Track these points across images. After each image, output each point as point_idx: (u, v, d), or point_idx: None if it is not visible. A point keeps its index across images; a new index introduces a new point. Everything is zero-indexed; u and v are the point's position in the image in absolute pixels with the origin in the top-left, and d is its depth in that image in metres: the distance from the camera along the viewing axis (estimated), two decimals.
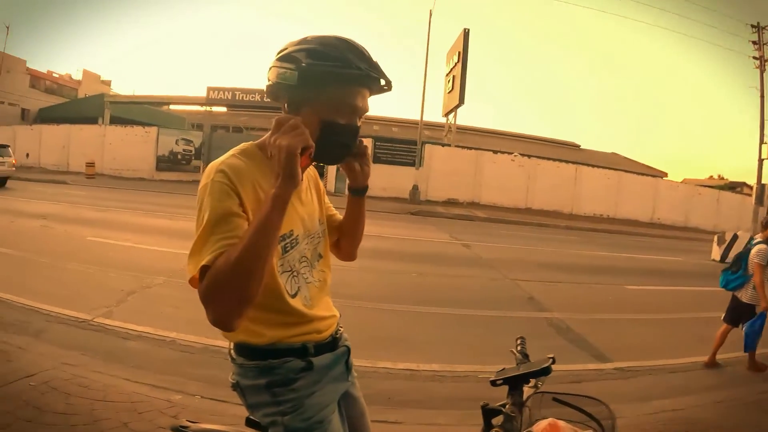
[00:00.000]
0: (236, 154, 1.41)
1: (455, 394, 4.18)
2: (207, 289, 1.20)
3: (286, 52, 1.38)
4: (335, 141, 1.43)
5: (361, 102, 1.42)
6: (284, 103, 1.43)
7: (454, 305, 6.95)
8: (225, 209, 1.28)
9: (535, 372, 1.46)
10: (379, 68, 1.41)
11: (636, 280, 10.15)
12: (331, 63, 1.33)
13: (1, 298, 6.16)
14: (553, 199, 28.34)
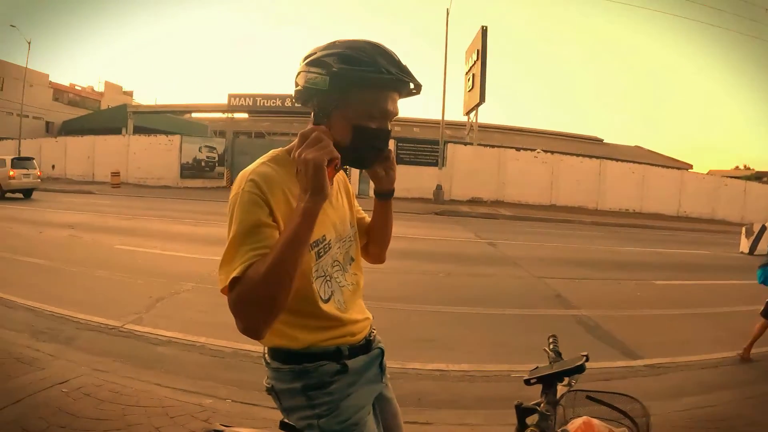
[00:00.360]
0: (266, 162, 1.42)
1: (485, 394, 4.15)
2: (237, 300, 1.23)
3: (316, 57, 1.38)
4: (367, 145, 1.43)
5: (391, 106, 1.42)
6: (314, 108, 1.42)
7: (482, 304, 6.91)
8: (255, 220, 1.29)
9: (569, 370, 1.44)
10: (409, 72, 1.40)
11: (664, 274, 9.99)
12: (362, 68, 1.33)
13: (31, 306, 6.28)
14: (577, 195, 28.06)
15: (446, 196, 26.75)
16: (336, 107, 1.38)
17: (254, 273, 1.21)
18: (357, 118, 1.38)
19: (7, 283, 7.45)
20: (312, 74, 1.37)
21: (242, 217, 1.29)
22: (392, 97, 1.42)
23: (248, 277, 1.21)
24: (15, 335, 5.29)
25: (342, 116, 1.38)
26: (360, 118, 1.38)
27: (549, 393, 1.45)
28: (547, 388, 1.47)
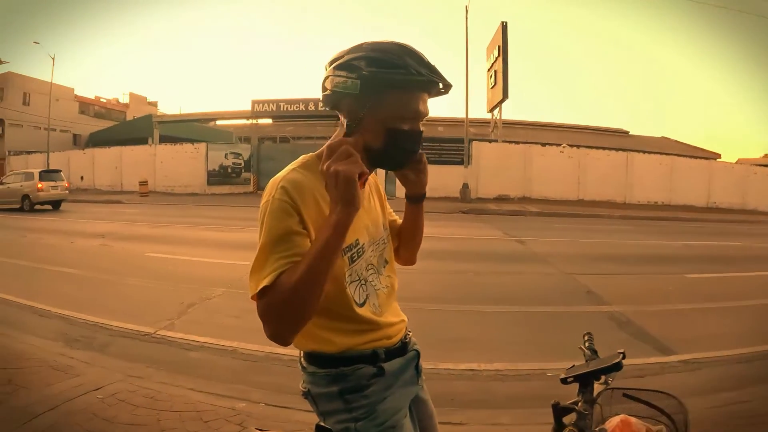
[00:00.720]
0: (297, 168, 1.42)
1: (518, 393, 4.11)
2: (267, 308, 1.24)
3: (344, 61, 1.37)
4: (400, 147, 1.42)
5: (422, 106, 1.41)
6: (343, 112, 1.42)
7: (512, 303, 6.86)
8: (285, 228, 1.29)
9: (606, 368, 1.41)
10: (438, 72, 1.39)
11: (696, 267, 9.76)
12: (393, 70, 1.32)
13: (65, 315, 6.40)
14: (604, 189, 27.66)
15: (473, 195, 26.59)
16: (367, 110, 1.36)
17: (285, 281, 1.22)
18: (389, 120, 1.37)
19: (41, 292, 7.60)
20: (341, 78, 1.36)
21: (273, 224, 1.30)
22: (423, 97, 1.41)
23: (279, 286, 1.22)
24: (50, 343, 5.38)
25: (373, 119, 1.37)
26: (392, 120, 1.37)
27: (586, 392, 1.43)
28: (584, 386, 1.44)
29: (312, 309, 1.26)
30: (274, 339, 1.25)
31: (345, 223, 1.25)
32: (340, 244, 1.27)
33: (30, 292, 7.63)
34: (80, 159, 38.18)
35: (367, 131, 1.37)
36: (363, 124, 1.37)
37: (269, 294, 1.23)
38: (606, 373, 1.45)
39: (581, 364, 1.51)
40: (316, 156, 1.47)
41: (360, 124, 1.37)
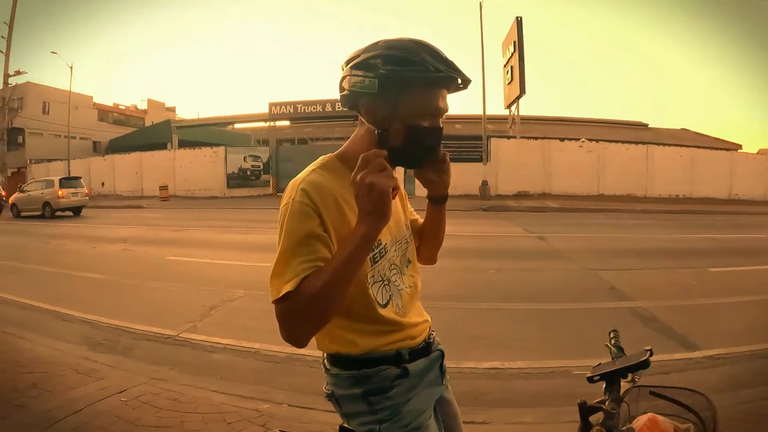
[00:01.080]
0: (316, 169, 1.41)
1: (542, 391, 4.06)
2: (286, 313, 1.24)
3: (360, 60, 1.35)
4: (421, 145, 1.40)
5: (442, 103, 1.39)
6: (362, 112, 1.40)
7: (535, 300, 6.78)
8: (306, 231, 1.28)
9: (633, 366, 1.39)
10: (457, 68, 1.36)
11: (719, 261, 9.58)
12: (411, 67, 1.30)
13: (88, 319, 6.48)
14: (625, 183, 27.35)
15: (492, 192, 26.50)
16: (386, 109, 1.35)
17: (307, 288, 1.22)
18: (408, 117, 1.34)
19: (64, 297, 7.71)
20: (358, 77, 1.34)
21: (293, 227, 1.29)
22: (442, 93, 1.39)
23: (301, 292, 1.22)
24: (73, 347, 5.45)
25: (393, 117, 1.35)
26: (411, 117, 1.34)
27: (612, 390, 1.40)
28: (611, 384, 1.42)
29: (332, 315, 1.27)
30: (290, 341, 1.26)
31: (373, 235, 1.25)
32: (365, 255, 1.27)
33: (54, 297, 7.74)
34: (101, 165, 38.77)
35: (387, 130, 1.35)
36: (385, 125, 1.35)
37: (291, 299, 1.22)
38: (633, 371, 1.42)
39: (607, 362, 1.49)
40: (335, 157, 1.46)
41: (390, 131, 1.35)
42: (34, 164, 41.58)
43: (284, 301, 1.23)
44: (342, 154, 1.47)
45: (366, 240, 1.23)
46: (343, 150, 1.48)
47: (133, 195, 35.04)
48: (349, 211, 1.35)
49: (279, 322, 1.25)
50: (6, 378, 4.52)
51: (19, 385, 4.34)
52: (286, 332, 1.25)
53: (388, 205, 1.22)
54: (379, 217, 1.22)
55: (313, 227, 1.29)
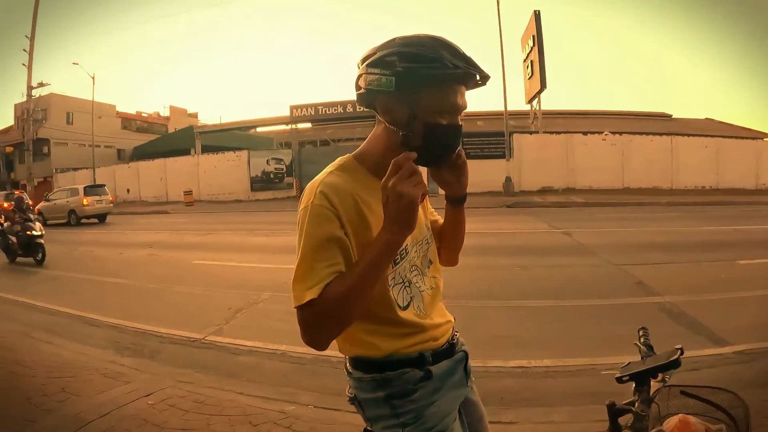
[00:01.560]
0: (334, 171, 1.40)
1: (569, 390, 3.97)
2: (309, 319, 1.24)
3: (377, 57, 1.32)
4: (440, 143, 1.37)
5: (460, 100, 1.35)
6: (378, 110, 1.38)
7: (560, 296, 6.69)
8: (326, 235, 1.27)
9: (664, 366, 1.35)
10: (475, 63, 1.33)
11: (747, 253, 9.27)
12: (428, 64, 1.27)
13: (115, 324, 6.58)
14: (650, 176, 26.75)
15: (516, 188, 26.22)
16: (404, 107, 1.32)
17: (330, 294, 1.22)
18: (426, 115, 1.31)
19: (92, 303, 7.83)
20: (375, 76, 1.31)
21: (313, 231, 1.28)
22: (460, 90, 1.36)
23: (324, 298, 1.22)
24: (101, 352, 5.54)
25: (410, 115, 1.32)
26: (429, 115, 1.32)
27: (642, 390, 1.37)
28: (640, 385, 1.38)
29: (354, 319, 1.29)
30: (311, 345, 1.27)
31: (398, 243, 1.24)
32: (389, 263, 1.28)
33: (82, 302, 7.89)
34: (125, 172, 39.24)
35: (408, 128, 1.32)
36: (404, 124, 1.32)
37: (314, 306, 1.22)
38: (663, 371, 1.39)
39: (637, 362, 1.45)
40: (353, 157, 1.45)
41: (413, 130, 1.32)
42: (60, 173, 42.29)
43: (307, 307, 1.23)
44: (360, 155, 1.45)
45: (390, 247, 1.24)
46: (361, 150, 1.46)
47: (158, 201, 35.45)
48: (369, 212, 1.34)
49: (301, 327, 1.25)
50: (35, 382, 4.60)
51: (48, 389, 4.40)
52: (308, 337, 1.26)
53: (416, 214, 1.22)
54: (405, 226, 1.22)
55: (333, 231, 1.28)
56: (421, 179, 1.22)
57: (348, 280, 1.22)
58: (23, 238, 12.34)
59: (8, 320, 7.13)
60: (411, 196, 1.18)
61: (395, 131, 1.34)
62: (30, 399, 4.22)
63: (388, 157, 1.32)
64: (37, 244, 12.32)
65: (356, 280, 1.22)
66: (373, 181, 1.37)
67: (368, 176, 1.40)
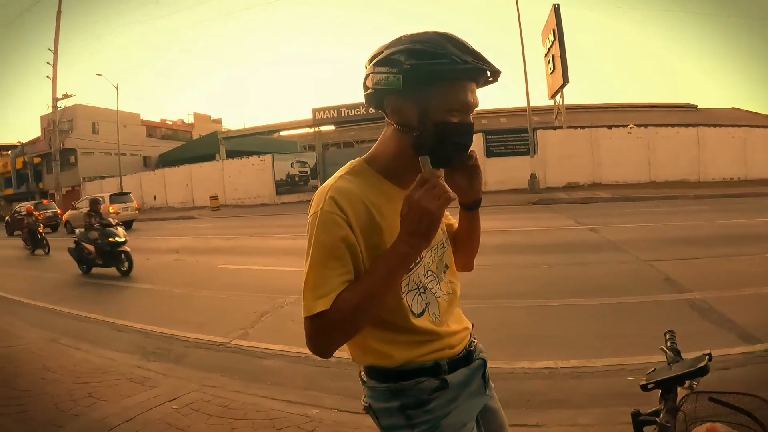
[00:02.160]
0: (344, 175, 1.36)
1: (597, 391, 3.86)
2: (319, 330, 1.22)
3: (384, 56, 1.28)
4: (451, 142, 1.31)
5: (471, 97, 1.30)
6: (387, 111, 1.34)
7: (587, 295, 6.53)
8: (336, 242, 1.24)
9: (691, 373, 1.29)
10: (485, 59, 1.29)
11: None
12: (436, 61, 1.22)
13: (142, 329, 6.66)
14: (676, 168, 26.12)
15: (541, 185, 25.92)
16: (412, 106, 1.28)
17: (342, 305, 1.20)
18: (436, 114, 1.27)
19: (120, 309, 7.97)
20: (382, 75, 1.28)
21: (323, 239, 1.25)
22: (470, 87, 1.31)
23: (336, 309, 1.20)
24: (128, 357, 5.60)
25: (419, 114, 1.28)
26: (440, 113, 1.27)
27: (668, 399, 1.30)
28: (666, 392, 1.32)
29: (362, 329, 1.27)
30: (317, 353, 1.26)
31: (414, 256, 1.23)
32: (403, 274, 1.26)
33: (109, 308, 8.03)
34: (152, 179, 39.91)
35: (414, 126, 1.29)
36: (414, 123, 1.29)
37: (325, 316, 1.20)
38: (691, 378, 1.32)
39: (663, 367, 1.39)
40: (363, 161, 1.41)
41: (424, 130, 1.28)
42: (88, 182, 43.12)
43: (318, 318, 1.20)
44: (370, 158, 1.41)
45: (405, 260, 1.21)
46: (372, 153, 1.42)
47: (184, 206, 35.89)
48: (380, 217, 1.31)
49: (308, 336, 1.23)
50: (62, 388, 4.67)
51: (75, 394, 4.48)
52: (314, 346, 1.24)
53: (435, 231, 1.19)
54: (423, 241, 1.20)
55: (343, 237, 1.25)
56: (448, 196, 1.18)
57: (360, 291, 1.20)
58: (103, 245, 11.03)
59: (38, 327, 7.25)
60: (435, 214, 1.16)
61: (405, 132, 1.31)
62: (57, 404, 4.29)
63: (398, 160, 1.31)
64: (121, 252, 10.98)
65: (369, 291, 1.20)
66: (385, 184, 1.35)
67: (379, 180, 1.36)
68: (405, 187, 1.28)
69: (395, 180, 1.37)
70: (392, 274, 1.21)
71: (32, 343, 6.31)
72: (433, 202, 1.15)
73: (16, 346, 6.21)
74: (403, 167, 1.34)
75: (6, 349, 6.11)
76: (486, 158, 26.93)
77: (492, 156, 26.99)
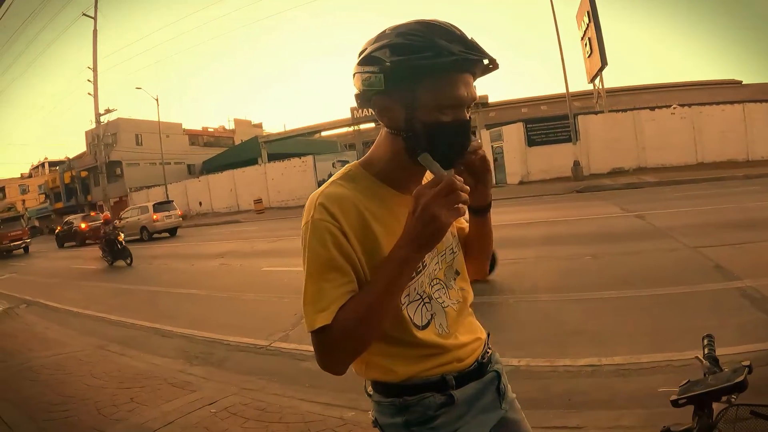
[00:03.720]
0: (337, 180, 1.28)
1: (641, 390, 3.60)
2: (323, 345, 1.16)
3: (366, 54, 1.18)
4: (444, 143, 1.19)
5: (464, 90, 1.17)
6: (375, 112, 1.24)
7: (634, 286, 6.26)
8: (331, 251, 1.17)
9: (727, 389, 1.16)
10: (477, 46, 1.16)
11: None
12: (419, 55, 1.11)
13: (186, 334, 6.80)
14: (723, 148, 24.95)
15: (585, 172, 25.29)
16: (400, 106, 1.19)
17: (343, 319, 1.13)
18: (425, 114, 1.17)
19: (165, 314, 8.13)
20: (365, 74, 1.18)
21: (317, 250, 1.18)
22: (464, 80, 1.18)
23: (337, 324, 1.13)
24: (171, 361, 5.73)
25: (409, 114, 1.18)
26: (429, 113, 1.16)
27: (703, 416, 1.18)
28: (700, 408, 1.19)
29: (371, 342, 1.19)
30: (327, 370, 1.19)
31: (415, 262, 1.14)
32: (406, 282, 1.17)
33: (155, 314, 8.21)
34: (196, 186, 41.15)
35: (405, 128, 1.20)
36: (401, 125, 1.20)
37: (327, 331, 1.13)
38: (726, 394, 1.19)
39: (698, 379, 1.25)
40: (359, 165, 1.32)
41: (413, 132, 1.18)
42: (135, 192, 44.64)
43: (320, 333, 1.13)
44: (366, 161, 1.32)
45: (406, 266, 1.13)
46: (368, 156, 1.33)
47: (229, 211, 36.58)
48: (375, 222, 1.22)
49: (316, 352, 1.17)
50: (106, 393, 4.82)
51: (117, 399, 4.61)
52: (323, 362, 1.17)
53: (440, 238, 1.11)
54: (425, 248, 1.12)
55: (338, 245, 1.17)
56: (463, 208, 1.09)
57: (362, 302, 1.13)
58: None
59: (86, 334, 7.50)
60: (444, 224, 1.07)
61: (396, 134, 1.22)
62: (100, 409, 4.42)
63: (394, 163, 1.24)
64: None
65: (370, 302, 1.12)
66: (382, 188, 1.27)
67: (375, 184, 1.28)
68: (403, 190, 1.24)
69: (393, 184, 1.29)
70: (393, 281, 1.12)
71: (81, 351, 6.51)
72: (444, 208, 1.06)
73: (64, 354, 6.40)
74: (400, 170, 1.26)
75: (55, 357, 6.30)
76: (528, 147, 26.62)
77: (533, 145, 26.62)
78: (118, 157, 47.15)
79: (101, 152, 39.47)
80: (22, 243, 30.89)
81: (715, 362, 1.34)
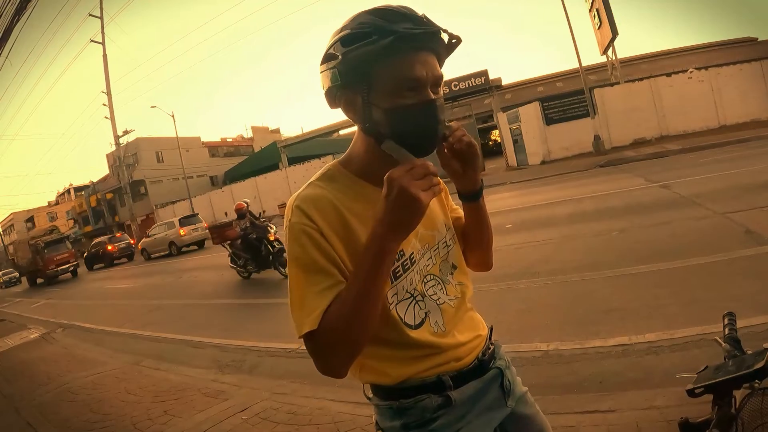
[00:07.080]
0: (315, 181, 1.26)
1: (676, 367, 3.45)
2: (316, 350, 1.12)
3: (326, 51, 1.17)
4: (411, 126, 1.15)
5: (421, 69, 1.13)
6: (342, 109, 1.23)
7: (662, 259, 6.09)
8: (311, 255, 1.14)
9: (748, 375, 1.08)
10: (427, 21, 1.12)
11: None
12: (364, 41, 1.09)
13: (217, 344, 6.88)
14: (745, 108, 24.28)
15: (606, 145, 24.85)
16: (359, 98, 1.16)
17: (331, 321, 1.08)
18: (384, 98, 1.14)
19: (197, 326, 8.26)
20: (327, 72, 1.17)
21: (297, 253, 1.15)
22: (419, 59, 1.13)
23: (326, 325, 1.09)
24: (203, 372, 5.79)
25: (369, 105, 1.16)
26: (387, 98, 1.13)
27: (723, 404, 1.11)
28: (720, 397, 1.12)
29: (366, 339, 1.12)
30: (326, 374, 1.14)
31: (393, 250, 1.08)
32: (388, 269, 1.11)
33: (187, 327, 8.36)
34: (220, 197, 41.51)
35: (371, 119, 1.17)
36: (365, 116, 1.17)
37: (316, 337, 1.09)
38: (747, 381, 1.11)
39: (718, 364, 1.18)
40: (339, 163, 1.30)
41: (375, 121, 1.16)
42: (160, 208, 45.46)
43: (309, 338, 1.10)
44: (346, 160, 1.30)
45: (387, 255, 1.07)
46: (347, 155, 1.31)
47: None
48: (356, 221, 1.19)
49: (311, 357, 1.13)
50: (141, 408, 4.90)
51: (152, 413, 4.70)
52: (320, 366, 1.13)
53: (419, 220, 1.04)
54: (404, 232, 1.06)
55: (317, 248, 1.14)
56: (434, 183, 1.04)
57: (346, 301, 1.08)
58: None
59: (122, 352, 7.61)
60: (423, 204, 1.01)
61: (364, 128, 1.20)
62: (135, 424, 4.52)
63: (369, 158, 1.21)
64: None
65: (354, 300, 1.07)
66: (362, 186, 1.25)
67: (356, 182, 1.25)
68: None
69: (372, 180, 1.24)
70: (374, 273, 1.06)
71: (116, 368, 6.62)
72: (423, 190, 1.01)
73: (101, 373, 6.51)
74: (377, 164, 1.21)
75: (92, 376, 6.42)
76: (546, 126, 26.29)
77: (552, 123, 26.26)
78: (140, 176, 48.16)
79: (123, 173, 40.25)
80: (70, 266, 29.54)
81: (737, 344, 1.26)
